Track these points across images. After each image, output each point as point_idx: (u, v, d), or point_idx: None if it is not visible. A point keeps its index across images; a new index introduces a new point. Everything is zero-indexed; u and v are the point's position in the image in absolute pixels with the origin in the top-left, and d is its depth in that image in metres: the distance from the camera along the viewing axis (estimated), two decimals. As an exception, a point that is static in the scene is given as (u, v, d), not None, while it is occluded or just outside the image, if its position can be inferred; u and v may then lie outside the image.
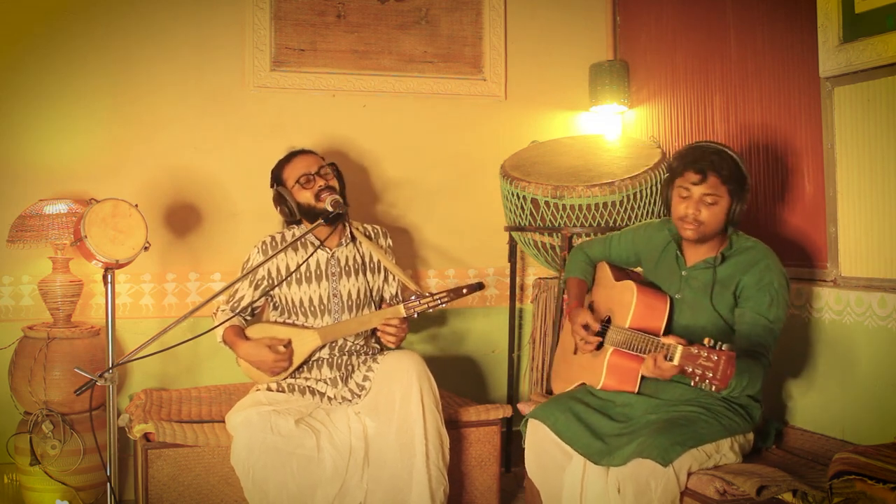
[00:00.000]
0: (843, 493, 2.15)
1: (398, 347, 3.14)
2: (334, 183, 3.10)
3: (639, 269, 2.97)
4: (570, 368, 2.90)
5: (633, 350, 2.57)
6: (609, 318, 2.77)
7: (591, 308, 2.89)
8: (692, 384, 2.22)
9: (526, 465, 2.76)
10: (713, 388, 2.17)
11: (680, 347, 2.25)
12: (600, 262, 2.98)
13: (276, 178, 3.14)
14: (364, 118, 3.88)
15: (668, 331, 2.63)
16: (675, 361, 2.26)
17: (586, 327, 2.75)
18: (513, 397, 3.91)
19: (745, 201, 2.62)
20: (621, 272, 2.89)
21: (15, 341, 3.34)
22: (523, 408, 3.31)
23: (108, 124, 3.57)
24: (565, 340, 3.02)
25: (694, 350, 2.21)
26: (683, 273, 2.70)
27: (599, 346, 2.75)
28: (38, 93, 3.49)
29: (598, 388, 2.68)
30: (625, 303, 2.68)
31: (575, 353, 2.89)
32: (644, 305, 2.64)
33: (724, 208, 2.61)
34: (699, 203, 2.60)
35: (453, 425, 3.18)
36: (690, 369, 2.20)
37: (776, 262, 2.62)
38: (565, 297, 3.31)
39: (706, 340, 2.20)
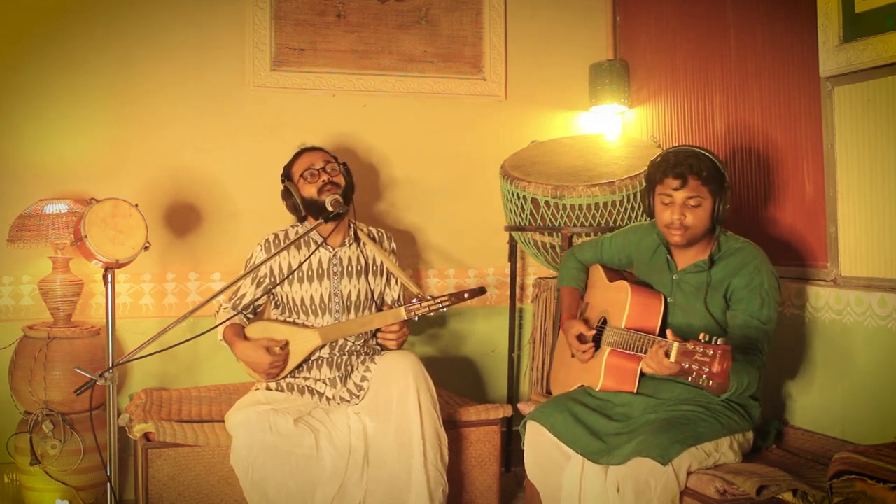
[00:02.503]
0: (843, 492, 2.15)
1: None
2: (339, 179, 3.10)
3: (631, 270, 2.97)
4: (569, 372, 2.90)
5: (629, 350, 2.57)
6: (605, 319, 2.78)
7: (585, 310, 2.91)
8: (690, 381, 2.21)
9: (525, 467, 2.76)
10: (711, 383, 2.16)
11: (676, 344, 2.25)
12: (594, 264, 2.99)
13: (286, 174, 3.15)
14: (364, 118, 3.88)
15: (663, 332, 2.63)
16: (673, 358, 2.25)
17: (580, 338, 2.77)
18: (513, 397, 3.92)
19: (727, 200, 2.63)
20: (615, 273, 2.90)
21: (15, 341, 3.34)
22: (523, 407, 3.31)
23: (108, 124, 3.57)
24: (563, 345, 3.02)
25: (690, 346, 2.20)
26: (675, 277, 2.71)
27: (597, 348, 2.76)
28: (38, 93, 3.49)
29: (597, 389, 2.69)
30: (619, 303, 2.69)
31: (573, 356, 2.90)
32: (639, 305, 2.65)
33: (707, 209, 2.61)
34: (683, 207, 2.61)
35: (453, 425, 3.18)
36: (687, 365, 2.20)
37: (766, 263, 2.61)
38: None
39: (701, 336, 2.20)
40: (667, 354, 2.28)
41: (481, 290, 3.09)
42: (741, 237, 2.71)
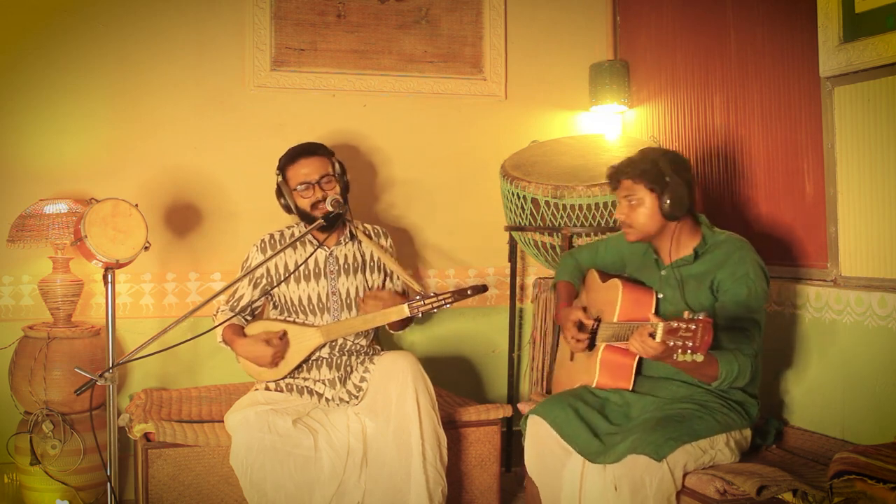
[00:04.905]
0: (843, 492, 2.15)
1: (396, 346, 3.13)
2: (335, 192, 3.05)
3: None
4: (569, 374, 2.92)
5: (620, 341, 2.58)
6: (599, 318, 2.79)
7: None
8: (676, 358, 2.20)
9: (525, 462, 2.76)
10: (695, 357, 2.16)
11: (661, 324, 2.26)
12: (589, 268, 3.01)
13: (281, 171, 3.11)
14: (364, 118, 3.88)
15: None
16: (658, 338, 2.26)
17: (579, 325, 2.78)
18: (513, 397, 3.92)
19: (674, 192, 2.62)
20: (608, 274, 2.93)
21: (15, 341, 3.34)
22: (523, 407, 3.31)
23: (108, 124, 3.57)
24: (563, 347, 3.04)
25: (674, 324, 2.21)
26: (662, 273, 2.74)
27: (592, 347, 2.77)
28: (38, 93, 3.49)
29: (593, 386, 2.70)
30: (612, 300, 2.72)
31: (571, 358, 2.93)
32: (630, 300, 2.69)
33: (649, 207, 2.66)
34: (626, 207, 2.70)
35: (453, 425, 3.18)
36: (672, 343, 2.21)
37: (750, 253, 2.64)
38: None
39: (685, 313, 2.21)
40: (652, 336, 2.29)
41: (483, 288, 3.10)
42: (725, 231, 2.73)
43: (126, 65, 3.58)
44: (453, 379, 3.86)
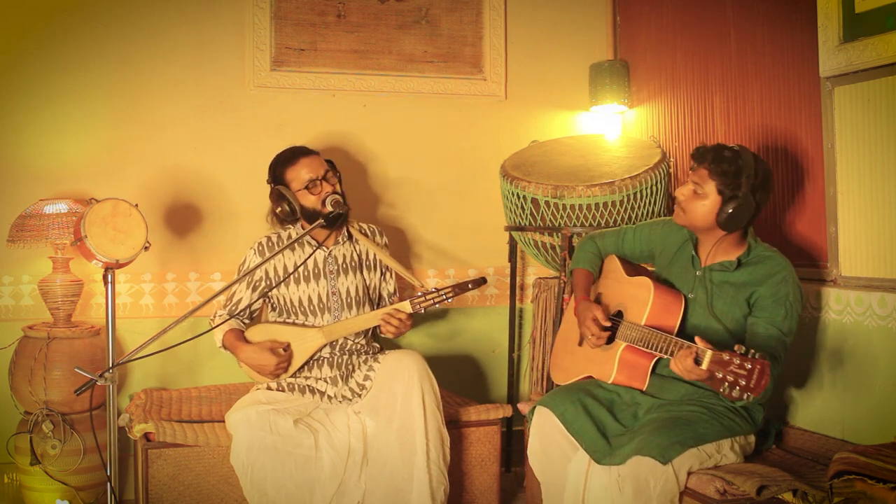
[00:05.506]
0: (843, 492, 2.15)
1: (396, 345, 3.14)
2: (338, 187, 3.10)
3: (650, 267, 2.94)
4: (575, 360, 2.84)
5: (648, 348, 2.52)
6: (620, 312, 2.73)
7: (598, 301, 2.85)
8: (719, 391, 2.17)
9: (528, 453, 2.73)
10: (746, 396, 2.13)
11: (710, 352, 2.21)
12: (610, 255, 2.93)
13: (277, 177, 3.11)
14: (364, 118, 3.88)
15: (681, 330, 2.60)
16: (704, 366, 2.21)
17: (596, 321, 2.68)
18: (513, 397, 3.92)
19: (738, 207, 2.54)
20: (633, 267, 2.85)
21: (15, 341, 3.34)
22: (523, 407, 3.31)
23: (108, 124, 3.57)
24: (568, 331, 2.94)
25: (725, 356, 2.16)
26: (698, 273, 2.67)
27: (610, 341, 2.71)
28: (38, 93, 3.49)
29: (609, 382, 2.65)
30: (640, 299, 2.64)
31: (580, 344, 2.82)
32: (660, 303, 2.60)
33: (711, 207, 2.58)
34: (689, 191, 2.61)
35: (453, 425, 3.18)
36: (721, 375, 2.16)
37: (793, 275, 2.59)
38: (565, 297, 3.31)
39: (737, 347, 2.16)
40: (696, 361, 2.24)
41: (483, 280, 3.12)
42: (771, 247, 2.68)
43: (126, 65, 3.58)
44: (453, 379, 3.86)
